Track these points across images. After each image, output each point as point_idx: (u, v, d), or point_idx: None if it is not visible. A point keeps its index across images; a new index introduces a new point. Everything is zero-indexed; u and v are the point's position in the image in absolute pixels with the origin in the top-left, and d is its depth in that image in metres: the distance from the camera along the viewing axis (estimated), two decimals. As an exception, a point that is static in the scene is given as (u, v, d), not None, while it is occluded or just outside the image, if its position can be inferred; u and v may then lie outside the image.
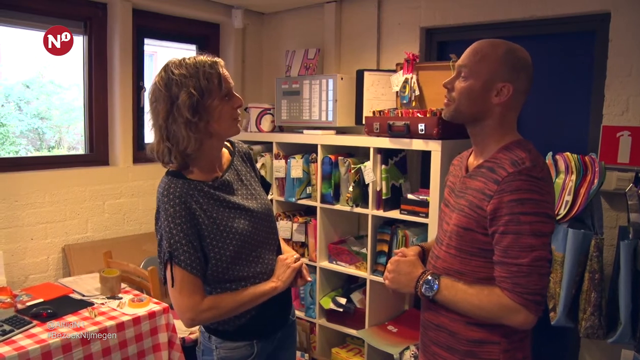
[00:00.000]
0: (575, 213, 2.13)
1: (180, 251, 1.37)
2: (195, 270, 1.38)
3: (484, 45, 1.31)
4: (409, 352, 2.44)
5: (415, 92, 2.67)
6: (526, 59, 1.31)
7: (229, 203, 1.47)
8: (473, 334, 1.30)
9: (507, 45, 1.30)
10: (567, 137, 2.54)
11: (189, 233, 1.38)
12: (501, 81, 1.27)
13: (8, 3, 2.63)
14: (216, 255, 1.43)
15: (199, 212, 1.40)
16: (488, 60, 1.28)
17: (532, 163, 1.22)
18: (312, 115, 3.00)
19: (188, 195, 1.39)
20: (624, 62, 2.28)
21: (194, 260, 1.38)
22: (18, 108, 3.03)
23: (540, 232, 1.19)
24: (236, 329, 1.50)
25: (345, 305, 2.81)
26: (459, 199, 1.34)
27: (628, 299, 2.02)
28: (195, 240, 1.39)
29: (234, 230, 1.45)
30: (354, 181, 2.68)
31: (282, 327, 1.62)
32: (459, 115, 1.33)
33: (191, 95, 1.34)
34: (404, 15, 2.99)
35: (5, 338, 1.96)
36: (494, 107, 1.29)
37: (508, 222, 1.19)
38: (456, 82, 1.33)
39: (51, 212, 2.79)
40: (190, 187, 1.41)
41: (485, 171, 1.28)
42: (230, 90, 1.43)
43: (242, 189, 1.55)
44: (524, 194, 1.18)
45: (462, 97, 1.30)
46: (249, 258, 1.50)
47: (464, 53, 1.34)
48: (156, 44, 3.60)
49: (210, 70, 1.37)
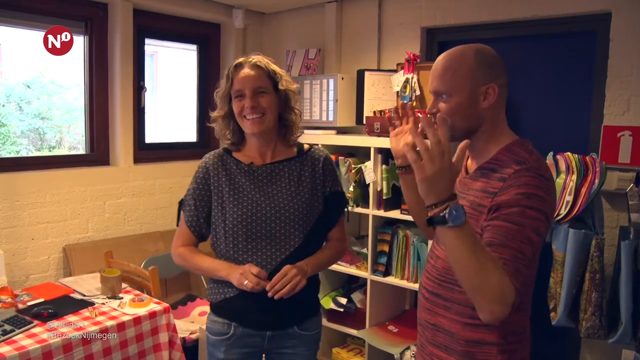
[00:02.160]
0: (576, 213, 2.13)
1: (187, 203, 1.66)
2: (189, 223, 1.65)
3: (449, 59, 1.27)
4: (410, 352, 2.44)
5: (415, 92, 2.67)
6: (495, 54, 1.28)
7: (247, 187, 1.61)
8: (470, 334, 1.29)
9: (471, 48, 1.27)
10: (567, 137, 2.54)
11: (197, 194, 1.64)
12: (484, 84, 1.25)
13: (9, 3, 2.63)
14: (215, 225, 1.63)
15: (212, 184, 1.63)
16: (462, 73, 1.25)
17: (537, 162, 1.21)
18: (313, 115, 3.00)
19: (212, 165, 1.64)
20: (625, 62, 2.28)
21: (192, 216, 1.64)
22: (19, 108, 3.04)
23: (538, 232, 1.16)
24: (217, 302, 1.65)
25: (346, 305, 2.81)
26: (461, 200, 1.33)
27: (629, 299, 2.02)
28: (202, 202, 1.63)
29: (235, 210, 1.58)
30: (354, 181, 2.68)
31: (275, 328, 1.63)
32: (455, 133, 1.27)
33: (219, 92, 1.65)
34: (405, 15, 2.98)
35: (6, 338, 1.96)
36: (485, 113, 1.27)
37: (515, 213, 1.14)
38: (439, 104, 1.29)
39: (52, 212, 2.79)
40: (220, 159, 1.65)
41: (487, 172, 1.27)
42: (241, 91, 1.58)
43: (279, 184, 1.63)
44: (531, 189, 1.16)
45: (453, 115, 1.26)
46: (246, 244, 1.59)
47: (431, 76, 1.29)
48: (157, 44, 3.61)
49: (228, 72, 1.61)
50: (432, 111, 1.31)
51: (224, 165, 1.64)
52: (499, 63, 1.28)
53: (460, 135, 1.29)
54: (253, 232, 1.58)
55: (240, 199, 1.59)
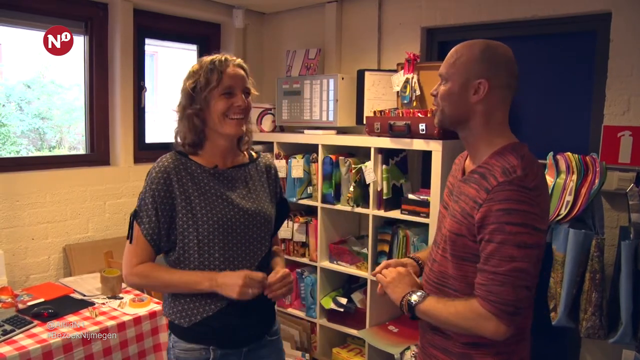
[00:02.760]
0: (576, 213, 2.13)
1: (145, 214, 1.45)
2: (149, 236, 1.45)
3: (460, 47, 1.31)
4: (410, 352, 2.44)
5: (416, 92, 2.67)
6: (505, 54, 1.29)
7: (217, 191, 1.49)
8: (468, 337, 1.29)
9: (485, 43, 1.29)
10: (568, 137, 2.54)
11: (158, 202, 1.45)
12: (476, 78, 1.26)
13: (9, 3, 2.63)
14: (183, 236, 1.46)
15: (177, 189, 1.46)
16: (461, 62, 1.28)
17: (523, 172, 1.19)
18: (313, 115, 3.00)
19: (174, 169, 1.47)
20: (625, 62, 2.28)
21: (153, 227, 1.45)
22: (19, 108, 3.04)
23: (524, 244, 1.17)
24: (190, 326, 1.47)
25: (346, 305, 2.81)
26: (454, 204, 1.34)
27: (629, 299, 2.02)
28: (163, 212, 1.45)
29: (209, 215, 1.45)
30: (354, 181, 2.68)
31: (251, 342, 1.54)
32: (444, 118, 1.33)
33: (190, 85, 1.48)
34: (405, 15, 2.98)
35: (6, 338, 1.96)
36: (474, 107, 1.28)
37: (493, 231, 1.18)
38: (440, 87, 1.34)
39: (52, 212, 2.79)
40: (181, 163, 1.49)
41: (477, 177, 1.27)
42: (232, 88, 1.48)
43: (242, 188, 1.55)
44: (512, 204, 1.17)
45: (444, 100, 1.31)
46: (222, 253, 1.47)
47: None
48: (157, 44, 3.61)
49: (212, 67, 1.47)
50: (433, 93, 1.37)
51: (186, 169, 1.49)
52: (505, 63, 1.28)
53: (449, 122, 1.35)
54: (229, 239, 1.48)
55: (213, 204, 1.47)
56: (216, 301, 1.46)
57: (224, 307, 1.46)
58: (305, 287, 2.98)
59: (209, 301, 1.46)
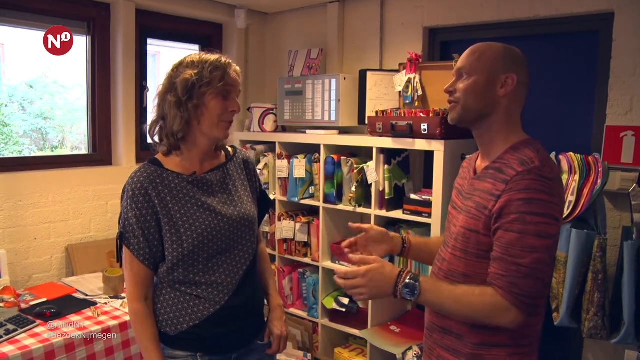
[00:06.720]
0: (578, 213, 2.12)
1: (131, 235, 1.41)
2: (141, 257, 1.41)
3: (480, 45, 1.34)
4: (412, 353, 2.44)
5: (418, 92, 2.67)
6: (522, 56, 1.34)
7: (198, 201, 1.45)
8: (479, 337, 1.28)
9: (503, 44, 1.33)
10: (570, 137, 2.54)
11: (141, 220, 1.40)
12: (504, 73, 1.28)
13: (12, 3, 2.64)
14: (170, 250, 1.42)
15: (157, 202, 1.41)
16: (487, 56, 1.30)
17: (541, 163, 1.20)
18: (315, 115, 3.00)
19: (151, 184, 1.42)
20: (628, 62, 2.28)
21: (143, 248, 1.41)
22: (22, 108, 3.05)
23: (545, 234, 1.17)
24: (177, 334, 1.45)
25: (348, 305, 2.81)
26: (467, 201, 1.33)
27: (631, 300, 2.01)
28: (150, 229, 1.41)
29: (192, 229, 1.42)
30: (356, 181, 2.68)
31: (240, 348, 1.52)
32: (467, 113, 1.31)
33: (190, 76, 1.39)
34: (407, 15, 2.98)
35: (8, 337, 1.97)
36: (500, 100, 1.29)
37: (513, 221, 1.17)
38: (458, 83, 1.33)
39: (54, 211, 2.80)
40: (157, 176, 1.44)
41: (493, 172, 1.27)
42: (230, 92, 1.45)
43: (223, 193, 1.51)
44: (532, 193, 1.16)
45: (468, 94, 1.30)
46: (206, 263, 1.44)
47: (461, 57, 1.36)
48: (159, 44, 3.61)
49: (217, 64, 1.43)
50: (449, 89, 1.35)
51: (163, 182, 1.43)
52: (523, 62, 1.33)
53: (471, 117, 1.32)
54: (214, 250, 1.45)
55: (195, 216, 1.43)
56: (203, 309, 1.44)
57: (210, 315, 1.44)
58: (307, 287, 2.98)
59: (195, 309, 1.44)
